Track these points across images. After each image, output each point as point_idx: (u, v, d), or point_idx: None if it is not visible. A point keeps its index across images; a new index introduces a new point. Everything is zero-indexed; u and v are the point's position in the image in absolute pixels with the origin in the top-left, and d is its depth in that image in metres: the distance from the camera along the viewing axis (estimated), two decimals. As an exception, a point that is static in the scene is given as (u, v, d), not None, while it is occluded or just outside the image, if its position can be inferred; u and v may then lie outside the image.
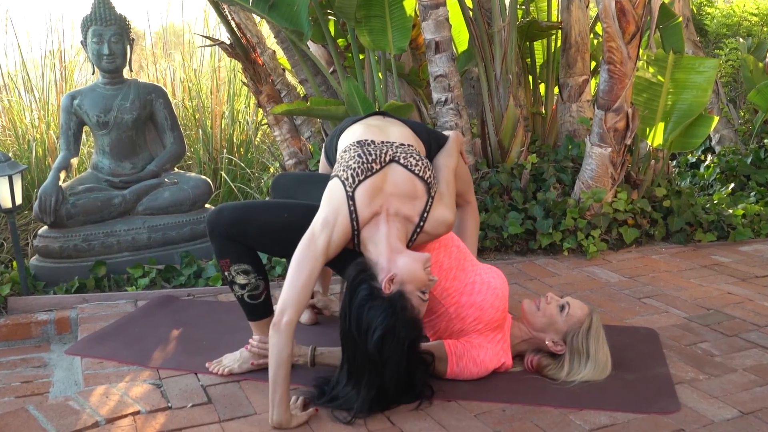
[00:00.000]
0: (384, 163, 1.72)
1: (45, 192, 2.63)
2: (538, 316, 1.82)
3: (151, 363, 1.93)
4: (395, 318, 1.53)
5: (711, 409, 1.65)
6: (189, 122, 4.09)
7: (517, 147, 3.15)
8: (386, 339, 1.53)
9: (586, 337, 1.78)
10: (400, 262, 1.60)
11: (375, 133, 1.80)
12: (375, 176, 1.69)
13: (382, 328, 1.52)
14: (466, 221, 2.15)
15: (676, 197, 3.09)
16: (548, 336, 1.82)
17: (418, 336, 1.61)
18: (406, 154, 1.75)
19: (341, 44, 3.43)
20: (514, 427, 1.59)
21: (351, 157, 1.72)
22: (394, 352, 1.54)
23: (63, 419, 1.62)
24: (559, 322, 1.80)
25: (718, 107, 4.23)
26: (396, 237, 1.66)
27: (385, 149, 1.74)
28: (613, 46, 2.77)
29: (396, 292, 1.56)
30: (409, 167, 1.73)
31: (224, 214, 1.79)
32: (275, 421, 1.57)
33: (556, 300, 1.84)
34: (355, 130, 1.84)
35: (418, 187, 1.72)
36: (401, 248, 1.64)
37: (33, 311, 2.39)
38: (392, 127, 1.85)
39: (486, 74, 3.17)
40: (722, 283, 2.54)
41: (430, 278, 1.61)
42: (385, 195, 1.69)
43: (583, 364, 1.77)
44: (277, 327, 1.56)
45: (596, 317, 1.82)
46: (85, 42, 2.78)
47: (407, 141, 1.81)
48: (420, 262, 1.60)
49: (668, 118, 3.00)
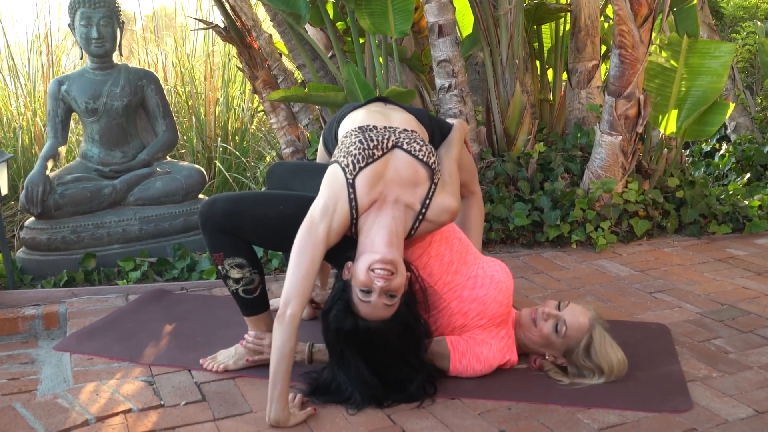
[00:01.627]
0: (386, 149, 1.70)
1: (32, 182, 2.60)
2: (535, 334, 1.79)
3: (142, 359, 1.91)
4: (331, 303, 1.62)
5: (725, 408, 1.63)
6: (182, 109, 4.08)
7: (523, 135, 3.11)
8: (323, 320, 1.63)
9: (586, 355, 1.74)
10: (362, 257, 1.60)
11: (377, 119, 1.78)
12: (376, 163, 1.67)
13: (324, 307, 1.65)
14: (471, 212, 2.12)
15: (689, 188, 3.06)
16: (547, 352, 1.79)
17: (354, 330, 1.59)
18: (410, 139, 1.73)
19: (340, 27, 3.40)
20: (520, 426, 1.56)
21: (352, 143, 1.70)
22: (329, 336, 1.63)
23: (51, 417, 1.59)
24: (556, 343, 1.77)
25: (733, 94, 4.19)
26: (386, 230, 1.61)
27: (387, 134, 1.72)
28: (625, 30, 2.73)
29: (346, 281, 1.61)
30: (412, 152, 1.71)
31: (217, 205, 1.76)
32: (272, 418, 1.55)
33: (553, 317, 1.77)
34: (356, 116, 1.82)
35: (420, 173, 1.70)
36: (378, 243, 1.60)
37: (20, 306, 2.35)
38: (394, 113, 1.84)
39: (491, 59, 3.13)
40: (737, 277, 2.51)
41: (375, 281, 1.55)
42: (385, 182, 1.67)
43: (596, 376, 1.74)
44: (281, 319, 1.55)
45: (598, 332, 1.74)
46: (72, 25, 2.75)
47: (410, 126, 1.79)
48: (367, 261, 1.57)
49: (682, 105, 2.97)
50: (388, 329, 1.59)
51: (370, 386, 1.62)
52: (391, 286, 1.55)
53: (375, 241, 1.60)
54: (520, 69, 3.09)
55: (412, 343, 1.64)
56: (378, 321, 1.58)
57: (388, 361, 1.63)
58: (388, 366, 1.63)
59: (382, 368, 1.63)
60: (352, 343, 1.61)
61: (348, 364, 1.62)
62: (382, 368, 1.63)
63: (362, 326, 1.59)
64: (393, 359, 1.63)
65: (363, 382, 1.62)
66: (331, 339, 1.64)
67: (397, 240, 1.63)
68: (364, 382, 1.62)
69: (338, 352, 1.64)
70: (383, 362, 1.63)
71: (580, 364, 1.75)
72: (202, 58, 4.35)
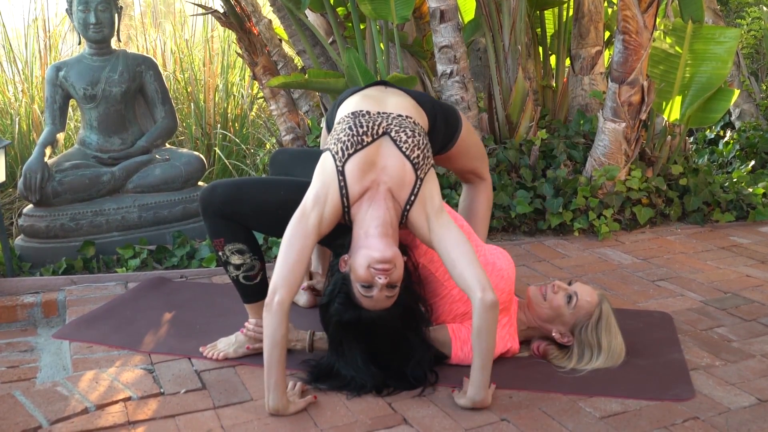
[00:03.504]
0: (376, 135, 1.66)
1: (30, 169, 2.58)
2: (544, 307, 1.78)
3: (142, 347, 1.90)
4: (331, 296, 1.61)
5: (727, 396, 1.62)
6: (181, 95, 4.05)
7: (526, 122, 3.08)
8: (323, 312, 1.63)
9: (595, 329, 1.74)
10: (359, 251, 1.57)
11: (371, 104, 1.74)
12: (366, 149, 1.64)
13: (323, 301, 1.63)
14: (478, 198, 2.08)
15: (693, 175, 3.04)
16: (555, 327, 1.78)
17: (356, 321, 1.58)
18: (399, 127, 1.68)
19: (341, 13, 3.36)
20: (521, 415, 1.56)
21: (342, 130, 1.68)
22: (330, 327, 1.62)
23: (51, 405, 1.59)
24: (566, 315, 1.76)
25: (738, 80, 4.15)
26: (380, 220, 1.59)
27: (379, 120, 1.68)
28: (629, 15, 2.70)
29: (344, 273, 1.60)
30: (398, 142, 1.66)
31: (218, 191, 1.75)
32: (271, 407, 1.54)
33: (564, 289, 1.78)
34: (351, 101, 1.79)
35: (406, 165, 1.65)
36: (374, 235, 1.58)
37: (18, 293, 2.34)
38: (391, 98, 1.79)
39: (494, 45, 3.10)
40: (740, 266, 2.50)
41: (377, 278, 1.53)
42: (377, 170, 1.63)
43: (595, 356, 1.74)
44: (269, 307, 1.53)
45: (606, 306, 1.77)
46: (70, 10, 2.72)
47: (405, 112, 1.74)
48: (366, 259, 1.54)
49: (686, 91, 2.95)
50: (389, 315, 1.59)
51: (372, 374, 1.62)
52: (392, 279, 1.55)
53: (369, 233, 1.58)
54: (522, 55, 3.06)
55: (414, 323, 1.64)
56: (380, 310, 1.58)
57: (391, 345, 1.62)
58: (391, 351, 1.63)
59: (385, 354, 1.62)
60: (355, 333, 1.60)
61: (349, 353, 1.62)
62: (385, 354, 1.63)
63: (365, 317, 1.58)
64: (395, 343, 1.62)
65: (365, 371, 1.61)
66: (332, 331, 1.63)
67: (392, 230, 1.61)
68: (366, 371, 1.61)
69: (339, 342, 1.63)
70: (386, 347, 1.62)
71: (585, 340, 1.74)
72: (201, 44, 4.32)
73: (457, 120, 1.94)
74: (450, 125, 1.91)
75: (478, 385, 1.55)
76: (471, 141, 1.98)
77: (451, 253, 1.57)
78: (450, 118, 1.90)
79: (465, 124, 1.96)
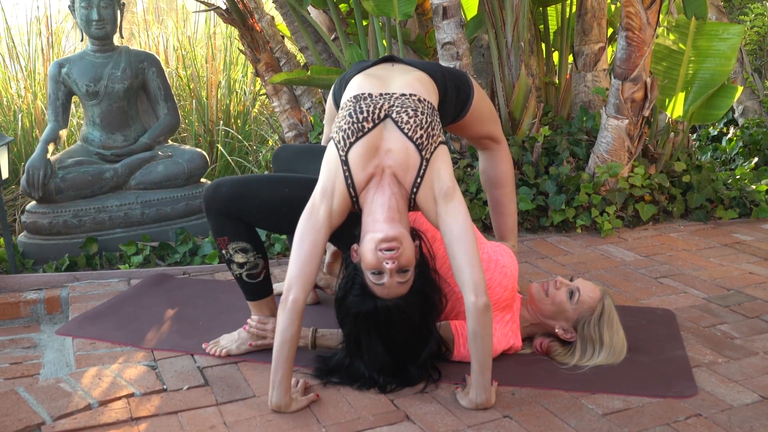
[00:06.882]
0: (378, 119, 1.62)
1: (33, 165, 2.58)
2: (547, 303, 1.78)
3: (145, 344, 1.90)
4: (345, 289, 1.59)
5: (730, 394, 1.62)
6: (183, 92, 4.06)
7: (528, 119, 3.07)
8: (339, 306, 1.61)
9: (597, 325, 1.74)
10: (366, 237, 1.54)
11: (374, 85, 1.69)
12: (368, 136, 1.60)
13: (338, 295, 1.61)
14: (500, 167, 2.03)
15: (696, 172, 3.03)
16: (558, 323, 1.78)
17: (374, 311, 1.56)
18: (401, 107, 1.63)
19: (343, 9, 3.36)
20: (524, 411, 1.55)
21: (343, 117, 1.65)
22: (347, 322, 1.60)
23: (54, 402, 1.59)
24: (569, 310, 1.76)
25: (742, 77, 4.14)
26: (386, 206, 1.56)
27: (381, 103, 1.63)
28: (632, 12, 2.69)
29: (356, 264, 1.58)
30: (399, 124, 1.61)
31: (221, 189, 1.74)
32: (274, 403, 1.54)
33: (566, 285, 1.78)
34: (355, 82, 1.73)
35: (409, 147, 1.60)
36: (380, 220, 1.55)
37: (21, 290, 2.34)
38: (397, 76, 1.73)
39: (496, 41, 3.09)
40: (743, 263, 2.49)
41: (384, 262, 1.51)
42: (381, 155, 1.59)
43: (597, 351, 1.74)
44: (284, 305, 1.53)
45: (608, 301, 1.77)
46: (72, 7, 2.73)
47: (410, 89, 1.68)
48: (372, 242, 1.51)
49: (689, 88, 2.93)
50: (406, 304, 1.56)
51: (387, 367, 1.60)
52: (401, 262, 1.51)
53: (376, 218, 1.56)
54: (525, 51, 3.05)
55: (432, 312, 1.62)
56: (396, 298, 1.55)
57: (408, 334, 1.59)
58: (407, 340, 1.60)
59: (402, 343, 1.60)
60: (372, 324, 1.57)
61: (368, 347, 1.60)
62: (403, 343, 1.60)
63: (381, 306, 1.55)
64: (413, 331, 1.60)
65: (380, 363, 1.60)
66: (350, 325, 1.60)
67: (399, 214, 1.57)
68: (381, 363, 1.60)
69: (357, 336, 1.60)
70: (403, 337, 1.59)
71: (587, 336, 1.74)
72: (203, 40, 4.32)
73: (469, 87, 1.88)
74: (462, 92, 1.86)
75: (479, 388, 1.54)
76: (484, 106, 1.92)
77: (453, 245, 1.55)
78: (462, 85, 1.85)
79: (477, 90, 1.90)
